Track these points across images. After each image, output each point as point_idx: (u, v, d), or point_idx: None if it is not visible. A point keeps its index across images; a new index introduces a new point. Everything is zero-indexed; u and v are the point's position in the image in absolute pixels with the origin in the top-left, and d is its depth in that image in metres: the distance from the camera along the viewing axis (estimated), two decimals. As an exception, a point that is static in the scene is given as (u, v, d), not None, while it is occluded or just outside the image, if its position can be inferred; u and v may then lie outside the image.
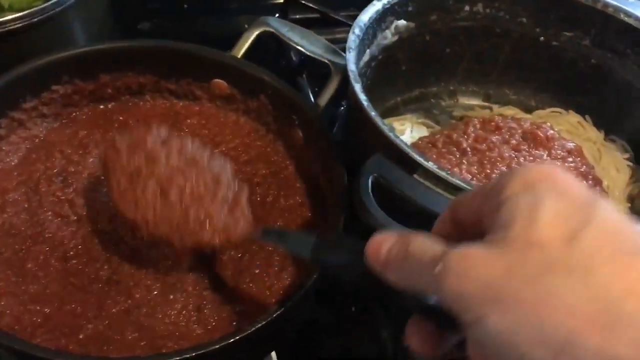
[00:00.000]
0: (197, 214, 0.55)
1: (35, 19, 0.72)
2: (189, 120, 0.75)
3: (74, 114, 0.73)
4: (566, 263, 0.31)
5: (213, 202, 0.56)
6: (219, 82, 0.74)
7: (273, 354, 0.65)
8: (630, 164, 0.80)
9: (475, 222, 0.36)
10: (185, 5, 1.09)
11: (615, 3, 0.78)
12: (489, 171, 0.71)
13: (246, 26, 0.78)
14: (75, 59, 0.70)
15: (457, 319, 0.33)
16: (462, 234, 0.37)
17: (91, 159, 0.69)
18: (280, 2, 1.11)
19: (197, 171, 0.57)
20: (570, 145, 0.75)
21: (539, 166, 0.35)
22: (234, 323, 0.58)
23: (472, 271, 0.32)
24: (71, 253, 0.61)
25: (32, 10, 0.72)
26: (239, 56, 0.74)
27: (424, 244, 0.36)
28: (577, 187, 0.34)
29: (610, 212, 0.32)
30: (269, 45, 0.87)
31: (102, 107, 0.75)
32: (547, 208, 0.32)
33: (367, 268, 0.39)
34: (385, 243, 0.38)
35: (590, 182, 0.72)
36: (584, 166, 0.74)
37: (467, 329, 0.33)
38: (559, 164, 0.74)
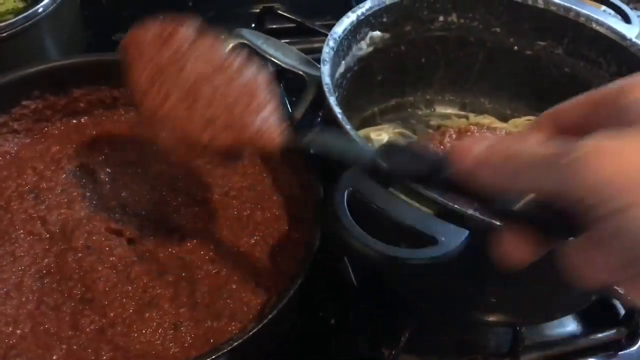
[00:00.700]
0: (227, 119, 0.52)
1: (5, 33, 0.71)
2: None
3: (45, 129, 0.72)
4: None
5: (244, 111, 0.52)
6: (194, 95, 0.73)
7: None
8: (605, 171, 0.81)
9: (580, 133, 0.34)
10: (161, 17, 1.08)
11: (587, 12, 0.79)
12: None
13: (222, 37, 0.78)
14: (46, 73, 0.69)
15: (571, 218, 0.31)
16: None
17: (64, 175, 0.68)
18: (257, 12, 1.10)
19: (226, 79, 0.54)
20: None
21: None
22: (211, 340, 0.57)
23: (616, 157, 0.31)
24: (44, 272, 0.60)
25: (2, 24, 0.70)
26: (214, 68, 0.74)
27: (531, 144, 0.34)
28: None
29: None
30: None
31: (74, 121, 0.73)
32: None
33: (449, 174, 0.37)
34: (476, 145, 0.36)
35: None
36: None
37: (605, 222, 0.31)
38: None
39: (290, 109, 0.85)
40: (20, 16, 0.72)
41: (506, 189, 0.35)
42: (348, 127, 0.60)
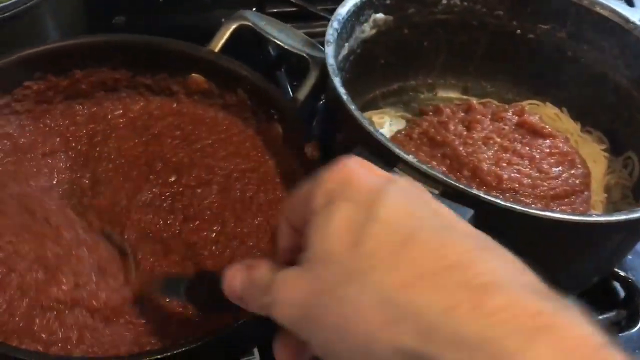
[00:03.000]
0: None
1: (6, 14, 0.70)
2: (161, 122, 0.73)
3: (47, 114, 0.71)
4: (352, 269, 0.32)
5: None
6: (196, 77, 0.73)
7: (255, 349, 0.65)
8: (607, 155, 0.81)
9: (304, 225, 0.37)
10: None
11: (590, -5, 0.79)
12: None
13: (223, 20, 0.77)
14: (47, 54, 0.69)
15: None
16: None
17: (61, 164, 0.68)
18: (258, -5, 1.10)
19: None
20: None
21: (338, 168, 0.36)
22: (215, 319, 0.57)
23: (289, 295, 0.34)
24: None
25: (2, 5, 0.70)
26: (216, 50, 0.74)
27: (264, 270, 0.38)
28: (367, 179, 0.35)
29: (395, 195, 0.34)
30: (247, 39, 0.86)
31: (77, 106, 0.73)
32: (335, 219, 0.34)
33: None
34: (237, 276, 0.40)
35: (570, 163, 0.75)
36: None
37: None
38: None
39: (291, 93, 0.85)
40: (21, -3, 0.71)
41: (258, 312, 0.39)
42: (352, 107, 0.60)
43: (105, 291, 0.57)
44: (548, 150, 0.76)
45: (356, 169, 0.36)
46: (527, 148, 0.75)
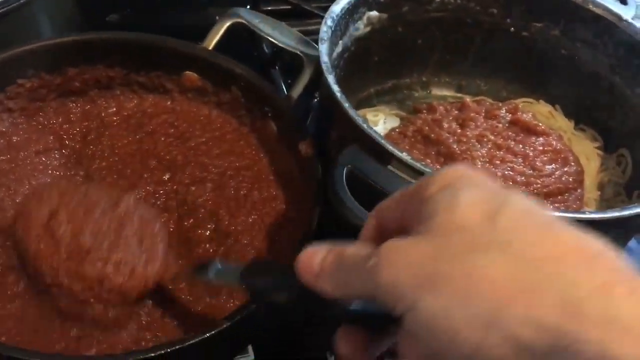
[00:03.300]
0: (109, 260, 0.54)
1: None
2: (155, 120, 0.73)
3: (40, 112, 0.71)
4: (487, 239, 0.32)
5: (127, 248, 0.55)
6: (190, 75, 0.73)
7: (250, 347, 0.65)
8: (600, 152, 0.81)
9: (400, 227, 0.37)
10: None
11: (583, -7, 0.79)
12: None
13: (217, 18, 0.77)
14: (41, 51, 0.68)
15: (391, 316, 0.34)
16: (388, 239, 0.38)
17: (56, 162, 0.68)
18: (252, -7, 1.09)
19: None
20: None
21: (454, 168, 0.37)
22: (210, 316, 0.57)
23: (402, 258, 0.33)
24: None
25: (-5, 2, 0.70)
26: (210, 48, 0.73)
27: (356, 248, 0.37)
28: (490, 181, 0.36)
29: (522, 197, 0.34)
30: (241, 37, 0.86)
31: (70, 104, 0.73)
32: (465, 197, 0.34)
33: (299, 285, 0.39)
34: (317, 255, 0.39)
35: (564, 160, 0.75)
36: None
37: (400, 322, 0.34)
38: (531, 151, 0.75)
39: (286, 91, 0.85)
40: (14, -6, 0.71)
41: (341, 294, 0.38)
42: (346, 105, 0.60)
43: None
44: (541, 148, 0.76)
45: (471, 170, 0.37)
46: (521, 146, 0.76)
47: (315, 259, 0.38)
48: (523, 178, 0.71)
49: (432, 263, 0.32)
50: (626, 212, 0.57)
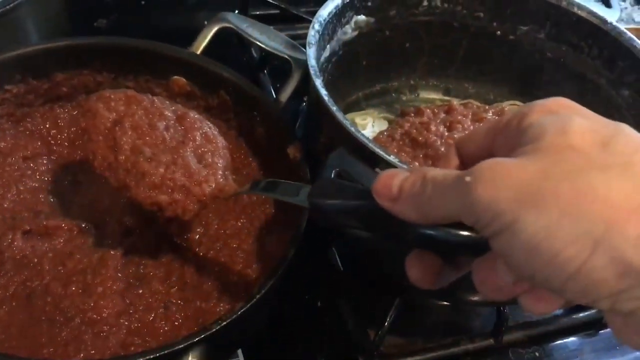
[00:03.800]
0: (176, 169, 0.56)
1: (-14, 17, 0.70)
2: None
3: (28, 118, 0.71)
4: (602, 162, 0.32)
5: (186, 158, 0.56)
6: (178, 79, 0.73)
7: (239, 351, 0.65)
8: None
9: (485, 156, 0.36)
10: (143, 2, 1.07)
11: (568, -3, 0.80)
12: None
13: (205, 22, 0.77)
14: (28, 57, 0.68)
15: (471, 242, 0.33)
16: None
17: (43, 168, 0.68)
18: (240, -2, 1.10)
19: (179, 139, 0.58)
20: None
21: (556, 98, 0.37)
22: (200, 320, 0.57)
23: (503, 175, 0.32)
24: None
25: (-18, 7, 0.69)
26: (198, 52, 0.73)
27: (444, 170, 0.37)
28: (595, 114, 0.36)
29: (632, 130, 0.34)
30: (230, 41, 0.86)
31: (58, 109, 0.73)
32: (576, 122, 0.33)
33: (373, 206, 0.38)
34: (396, 177, 0.38)
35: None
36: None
37: (496, 239, 0.33)
38: None
39: (274, 95, 0.85)
40: (0, -1, 0.71)
41: (422, 216, 0.37)
42: (334, 108, 0.60)
43: (94, 296, 0.57)
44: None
45: (574, 102, 0.36)
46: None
47: (395, 181, 0.38)
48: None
49: (539, 181, 0.32)
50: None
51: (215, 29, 0.75)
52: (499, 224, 0.32)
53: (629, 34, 0.76)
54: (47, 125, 0.71)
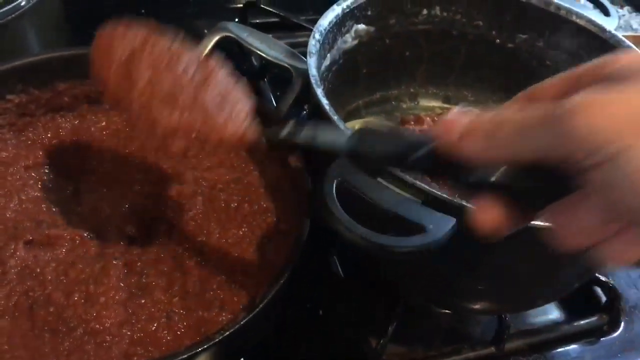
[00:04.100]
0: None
1: (-12, 27, 0.70)
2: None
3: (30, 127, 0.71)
4: None
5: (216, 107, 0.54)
6: (180, 88, 0.73)
7: (241, 360, 0.65)
8: (586, 161, 0.82)
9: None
10: (143, 10, 1.08)
11: (567, 5, 0.80)
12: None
13: (205, 31, 0.78)
14: (30, 67, 0.68)
15: (541, 185, 0.32)
16: None
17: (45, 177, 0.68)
18: (240, 6, 1.10)
19: (198, 79, 0.55)
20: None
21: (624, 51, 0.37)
22: (202, 330, 0.57)
23: (606, 105, 0.31)
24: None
25: (-18, 17, 0.70)
26: (199, 62, 0.74)
27: (519, 111, 0.35)
28: None
29: None
30: (230, 50, 0.86)
31: (59, 116, 0.73)
32: None
33: (429, 149, 0.37)
34: (463, 117, 0.37)
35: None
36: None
37: (596, 172, 0.31)
38: None
39: (275, 104, 0.86)
40: (2, 9, 0.71)
41: (494, 156, 0.36)
42: (335, 117, 0.60)
43: (96, 306, 0.58)
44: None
45: None
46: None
47: (461, 120, 0.37)
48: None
49: None
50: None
51: (216, 38, 0.75)
52: (602, 155, 0.31)
53: (628, 42, 0.76)
54: (49, 135, 0.71)
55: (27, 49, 0.78)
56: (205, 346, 0.50)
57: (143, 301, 0.59)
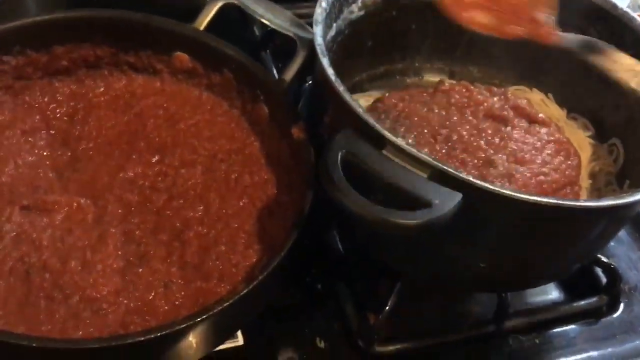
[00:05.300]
0: None
1: (-16, -13, 0.68)
2: (144, 101, 0.72)
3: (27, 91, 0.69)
4: None
5: None
6: (181, 56, 0.71)
7: (239, 332, 0.64)
8: (592, 141, 0.81)
9: None
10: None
11: (578, -19, 0.78)
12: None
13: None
14: (27, 29, 0.67)
15: None
16: None
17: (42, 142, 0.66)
18: (242, -25, 1.07)
19: None
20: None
21: None
22: (200, 300, 0.56)
23: None
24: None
25: (-20, -23, 0.68)
26: (202, 28, 0.72)
27: None
28: None
29: None
30: (231, 18, 0.84)
31: (57, 83, 0.71)
32: None
33: None
34: None
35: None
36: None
37: None
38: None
39: (276, 74, 0.84)
40: (-1, -31, 0.69)
41: None
42: (341, 89, 0.59)
43: (93, 273, 0.57)
44: (546, 139, 0.76)
45: None
46: (528, 136, 0.75)
47: None
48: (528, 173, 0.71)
49: None
50: (619, 201, 0.57)
51: (219, 4, 0.73)
52: None
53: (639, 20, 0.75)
54: (46, 99, 0.70)
55: (26, 11, 0.76)
56: (204, 317, 0.49)
57: (141, 270, 0.58)
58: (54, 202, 0.60)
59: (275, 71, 0.91)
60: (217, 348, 0.59)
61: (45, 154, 0.66)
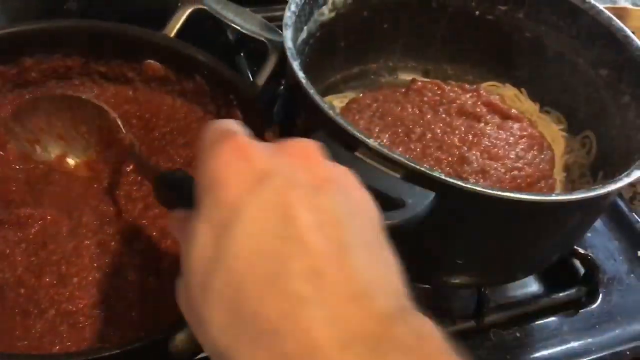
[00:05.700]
0: None
1: (-51, 0, 0.67)
2: (117, 110, 0.70)
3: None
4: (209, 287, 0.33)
5: None
6: (152, 64, 0.71)
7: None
8: (565, 134, 0.82)
9: None
10: (113, -17, 1.04)
11: (546, -24, 0.79)
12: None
13: (179, 4, 0.75)
14: (-6, 41, 0.66)
15: None
16: None
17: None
18: (214, -21, 1.07)
19: None
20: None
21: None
22: (179, 310, 0.56)
23: None
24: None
25: (-56, -10, 0.67)
26: (172, 35, 0.72)
27: None
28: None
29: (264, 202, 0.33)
30: (204, 24, 0.84)
31: (28, 95, 0.70)
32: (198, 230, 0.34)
33: None
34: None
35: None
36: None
37: None
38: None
39: (252, 78, 0.84)
40: (-36, -19, 0.68)
41: None
42: (312, 91, 0.59)
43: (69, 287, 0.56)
44: (518, 134, 0.76)
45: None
46: (500, 132, 0.76)
47: None
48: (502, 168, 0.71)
49: None
50: (592, 193, 0.57)
51: (188, 10, 0.73)
52: None
53: (607, 12, 0.76)
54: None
55: (-7, 23, 0.75)
56: (183, 327, 0.49)
57: (117, 281, 0.57)
58: (27, 215, 0.60)
59: (250, 75, 0.90)
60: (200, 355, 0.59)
61: (17, 167, 0.65)
